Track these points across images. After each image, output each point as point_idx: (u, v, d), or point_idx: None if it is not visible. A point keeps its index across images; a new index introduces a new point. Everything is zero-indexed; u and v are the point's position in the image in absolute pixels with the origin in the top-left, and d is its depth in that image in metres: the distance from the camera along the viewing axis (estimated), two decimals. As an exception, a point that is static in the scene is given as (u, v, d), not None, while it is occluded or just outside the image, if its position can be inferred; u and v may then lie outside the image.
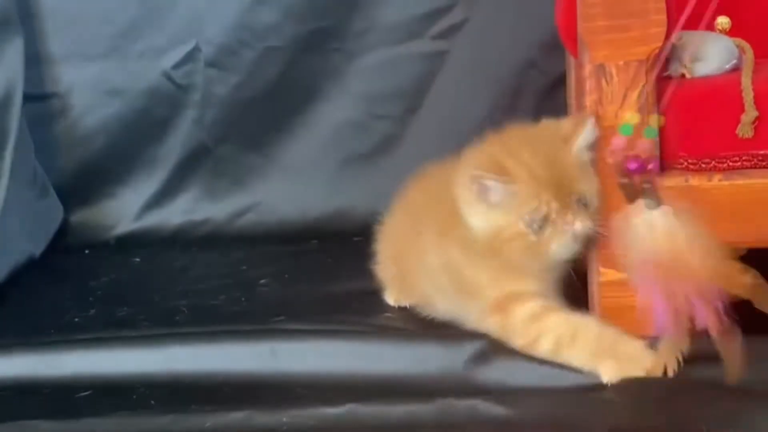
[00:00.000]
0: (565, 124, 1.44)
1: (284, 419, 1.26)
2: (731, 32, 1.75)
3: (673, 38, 1.50)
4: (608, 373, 1.33)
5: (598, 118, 1.43)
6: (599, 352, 1.34)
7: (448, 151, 2.14)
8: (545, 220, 1.38)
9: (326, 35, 2.20)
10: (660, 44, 1.40)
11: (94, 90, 2.23)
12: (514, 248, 1.40)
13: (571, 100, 1.89)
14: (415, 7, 2.19)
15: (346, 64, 2.22)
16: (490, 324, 1.43)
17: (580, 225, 1.38)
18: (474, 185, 1.40)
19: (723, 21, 1.78)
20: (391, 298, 1.69)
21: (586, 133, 1.40)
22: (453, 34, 2.20)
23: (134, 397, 1.41)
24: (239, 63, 2.21)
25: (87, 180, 2.27)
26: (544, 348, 1.38)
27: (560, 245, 1.39)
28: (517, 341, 1.40)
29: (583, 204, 1.39)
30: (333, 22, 2.20)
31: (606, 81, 1.42)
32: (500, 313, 1.42)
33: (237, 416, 1.28)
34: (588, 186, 1.40)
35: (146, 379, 1.46)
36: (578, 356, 1.35)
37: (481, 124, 2.16)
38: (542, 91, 2.19)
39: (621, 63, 1.41)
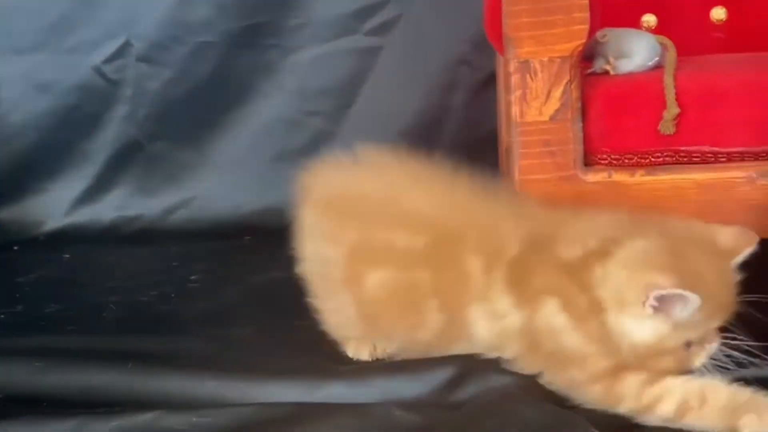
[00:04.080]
0: (723, 234, 1.27)
1: (194, 419, 1.23)
2: (657, 30, 1.77)
3: (598, 35, 1.53)
4: (749, 426, 1.19)
5: (523, 114, 1.44)
6: (736, 408, 1.20)
7: (381, 146, 2.17)
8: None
9: (260, 31, 2.20)
10: (583, 41, 1.41)
11: (23, 84, 2.21)
12: (663, 360, 1.23)
13: (501, 96, 1.90)
14: (349, 4, 2.20)
15: (280, 60, 2.22)
16: (591, 391, 1.25)
17: (716, 344, 1.25)
18: (652, 294, 1.19)
19: (649, 19, 1.80)
20: (363, 352, 1.44)
21: (750, 249, 1.25)
22: (386, 31, 2.21)
23: (44, 404, 1.35)
24: (171, 58, 2.20)
25: (16, 175, 2.24)
26: (664, 410, 1.21)
27: (701, 361, 1.25)
28: (628, 404, 1.23)
29: None
30: (267, 18, 2.20)
31: (531, 77, 1.43)
32: (608, 379, 1.24)
33: (146, 417, 1.25)
34: None
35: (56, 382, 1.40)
36: (711, 416, 1.20)
37: (413, 119, 2.18)
38: (474, 87, 2.21)
39: (545, 59, 1.42)
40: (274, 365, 1.41)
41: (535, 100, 1.44)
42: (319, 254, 1.46)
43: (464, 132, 2.20)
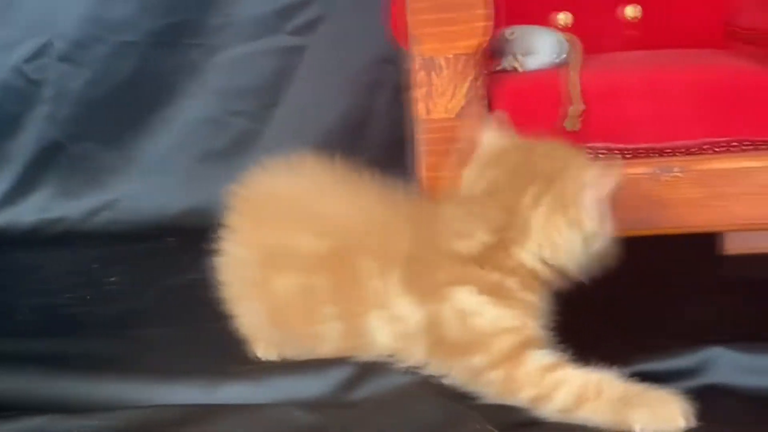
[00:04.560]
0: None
1: (84, 422, 1.21)
2: (572, 28, 1.77)
3: (506, 33, 1.52)
4: (641, 421, 1.19)
5: (428, 111, 1.43)
6: (629, 402, 1.20)
7: (306, 146, 2.16)
8: None
9: (182, 30, 2.18)
10: (486, 38, 1.40)
11: (-59, 84, 2.18)
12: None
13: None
14: (272, 3, 2.18)
15: (203, 60, 2.20)
16: (493, 377, 1.25)
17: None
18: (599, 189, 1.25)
19: (565, 17, 1.80)
20: (271, 353, 1.43)
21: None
22: (310, 30, 2.19)
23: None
24: (93, 58, 2.17)
25: (-66, 177, 2.21)
26: (562, 399, 1.21)
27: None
28: (527, 392, 1.23)
29: None
30: (189, 17, 2.18)
31: (435, 74, 1.42)
32: (508, 363, 1.25)
33: (36, 421, 1.22)
34: None
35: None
36: (605, 408, 1.20)
37: (338, 118, 2.17)
38: (399, 86, 2.19)
39: (450, 56, 1.41)
40: (177, 366, 1.39)
41: (440, 97, 1.43)
42: (236, 256, 1.45)
43: (389, 131, 2.19)
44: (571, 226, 1.27)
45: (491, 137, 1.34)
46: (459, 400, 1.23)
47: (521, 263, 1.28)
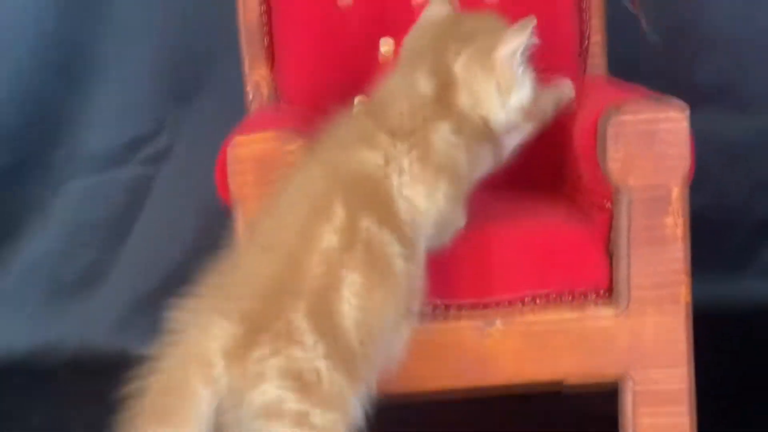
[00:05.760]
0: None
1: None
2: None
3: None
4: None
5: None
6: None
7: (157, 279, 2.15)
8: None
9: (27, 162, 2.15)
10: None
11: None
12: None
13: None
14: (120, 135, 2.17)
15: (50, 194, 2.17)
16: None
17: None
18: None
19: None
20: None
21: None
22: (159, 160, 2.19)
23: None
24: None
25: None
26: None
27: None
28: None
29: None
30: (34, 148, 2.15)
31: (259, 235, 1.43)
32: None
33: None
34: None
35: None
36: None
37: (190, 248, 2.16)
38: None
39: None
40: None
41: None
42: None
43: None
44: (488, 75, 1.37)
45: (433, 9, 1.45)
46: None
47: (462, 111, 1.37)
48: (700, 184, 1.45)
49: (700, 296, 1.52)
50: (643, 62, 2.02)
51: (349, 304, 1.22)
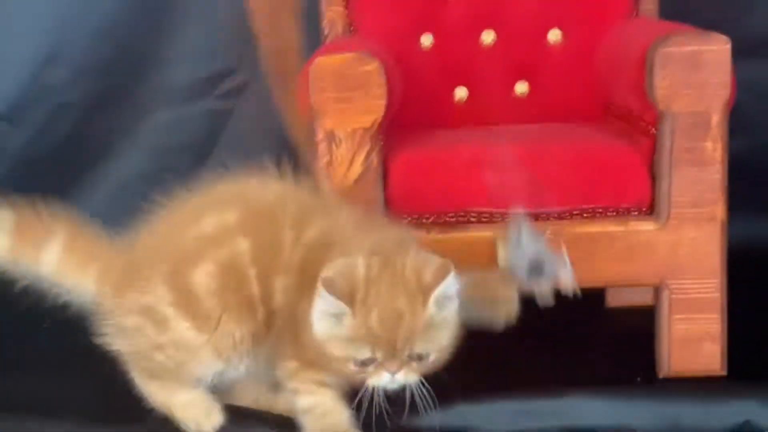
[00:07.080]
0: (429, 269, 1.34)
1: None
2: (467, 101, 1.95)
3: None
4: None
5: (330, 178, 1.59)
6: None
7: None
8: (371, 360, 1.34)
9: (118, 93, 2.32)
10: (381, 114, 1.57)
11: None
12: (336, 366, 1.37)
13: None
14: (201, 70, 2.33)
15: (138, 123, 2.34)
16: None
17: (401, 377, 1.34)
18: (323, 291, 1.32)
19: (460, 92, 1.96)
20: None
21: (445, 285, 1.33)
22: (236, 95, 2.34)
23: None
24: (31, 119, 2.30)
25: None
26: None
27: (376, 384, 1.35)
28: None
29: (417, 358, 1.34)
30: (124, 81, 2.32)
31: (335, 146, 1.59)
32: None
33: None
34: (430, 344, 1.34)
35: None
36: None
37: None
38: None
39: (348, 130, 1.58)
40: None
41: (339, 166, 1.59)
42: None
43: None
44: None
45: None
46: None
47: None
48: (743, 128, 1.53)
49: (739, 236, 1.65)
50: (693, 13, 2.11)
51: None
